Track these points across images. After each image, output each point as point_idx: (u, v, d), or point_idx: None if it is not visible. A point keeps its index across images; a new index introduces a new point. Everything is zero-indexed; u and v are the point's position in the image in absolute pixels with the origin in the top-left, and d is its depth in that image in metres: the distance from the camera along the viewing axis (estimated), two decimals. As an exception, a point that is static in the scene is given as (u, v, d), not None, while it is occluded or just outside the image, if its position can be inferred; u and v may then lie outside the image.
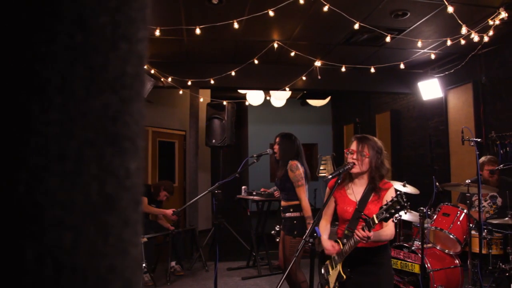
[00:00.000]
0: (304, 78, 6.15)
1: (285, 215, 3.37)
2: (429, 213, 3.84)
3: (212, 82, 5.90)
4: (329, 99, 9.61)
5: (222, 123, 5.63)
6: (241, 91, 7.70)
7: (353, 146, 2.28)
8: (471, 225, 3.56)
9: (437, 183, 3.95)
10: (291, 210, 3.33)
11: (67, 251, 0.28)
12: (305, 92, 8.60)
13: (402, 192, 1.96)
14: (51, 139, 0.27)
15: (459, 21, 3.95)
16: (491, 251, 3.69)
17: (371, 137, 2.32)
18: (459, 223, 3.62)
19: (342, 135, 10.42)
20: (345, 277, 2.17)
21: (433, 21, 4.45)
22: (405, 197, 1.92)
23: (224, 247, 5.95)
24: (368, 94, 8.69)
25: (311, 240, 2.00)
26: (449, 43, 4.79)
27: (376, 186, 2.23)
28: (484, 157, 4.29)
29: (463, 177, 4.25)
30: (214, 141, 5.67)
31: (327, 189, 2.38)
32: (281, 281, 1.99)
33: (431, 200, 3.90)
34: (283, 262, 3.41)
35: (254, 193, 5.54)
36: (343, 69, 5.78)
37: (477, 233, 3.62)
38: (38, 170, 0.27)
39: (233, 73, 5.73)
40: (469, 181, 3.57)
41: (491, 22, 4.23)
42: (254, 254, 5.06)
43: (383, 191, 2.22)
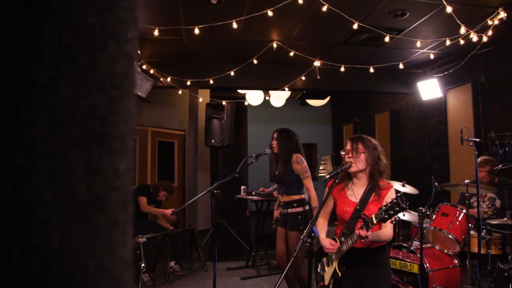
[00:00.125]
0: (304, 78, 6.15)
1: (287, 210, 3.32)
2: (428, 213, 3.84)
3: (211, 82, 5.90)
4: (328, 99, 9.61)
5: (221, 123, 5.62)
6: (241, 91, 7.70)
7: (348, 146, 2.33)
8: (470, 225, 3.56)
9: (436, 183, 3.94)
10: (295, 205, 3.30)
11: (55, 251, 0.27)
12: (304, 92, 8.60)
13: (402, 194, 1.96)
14: (38, 139, 0.27)
15: (458, 21, 3.95)
16: (490, 251, 3.69)
17: (364, 135, 2.37)
18: (458, 223, 3.63)
19: (341, 135, 10.42)
20: (340, 274, 2.19)
21: (432, 21, 4.45)
22: (404, 199, 1.93)
23: (223, 247, 5.95)
24: (367, 94, 8.70)
25: (309, 240, 2.00)
26: (448, 43, 4.79)
27: (376, 183, 2.24)
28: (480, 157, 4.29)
29: (462, 177, 4.25)
30: (213, 141, 5.67)
31: (326, 188, 2.40)
32: (279, 281, 1.99)
33: (430, 200, 3.90)
34: (284, 259, 3.36)
35: (253, 193, 5.54)
36: (342, 69, 5.79)
37: (476, 233, 3.62)
38: (25, 170, 0.27)
39: (232, 73, 5.73)
40: (468, 181, 3.57)
41: (490, 22, 4.22)
42: (253, 254, 5.06)
43: (383, 192, 2.23)
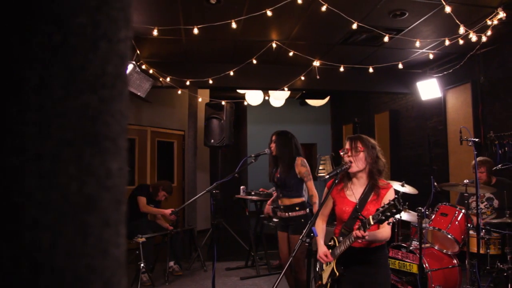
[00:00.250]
0: (303, 78, 6.14)
1: (289, 214, 3.30)
2: (427, 213, 3.84)
3: (211, 82, 5.90)
4: (328, 99, 9.61)
5: (221, 123, 5.62)
6: (240, 91, 7.69)
7: (347, 145, 2.34)
8: (469, 225, 3.56)
9: (435, 183, 3.94)
10: (297, 208, 3.28)
11: (45, 251, 0.27)
12: (304, 92, 8.59)
13: (399, 196, 1.97)
14: (28, 139, 0.27)
15: (457, 21, 3.95)
16: (489, 251, 3.69)
17: (363, 135, 2.39)
18: (457, 223, 3.62)
19: (341, 135, 10.42)
20: (337, 274, 2.19)
21: (432, 21, 4.45)
22: (402, 201, 1.94)
23: (222, 247, 5.94)
24: (367, 94, 8.69)
25: (308, 240, 2.00)
26: (447, 43, 4.79)
27: (376, 183, 2.25)
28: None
29: (462, 177, 4.25)
30: (212, 141, 5.66)
31: (326, 188, 2.40)
32: (278, 280, 1.99)
33: (429, 200, 3.90)
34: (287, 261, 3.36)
35: (252, 193, 5.54)
36: (342, 69, 5.78)
37: (475, 233, 3.62)
38: (14, 170, 0.27)
39: (232, 73, 5.73)
40: (467, 181, 3.57)
41: (489, 22, 4.22)
42: (253, 254, 5.06)
43: (382, 191, 2.24)
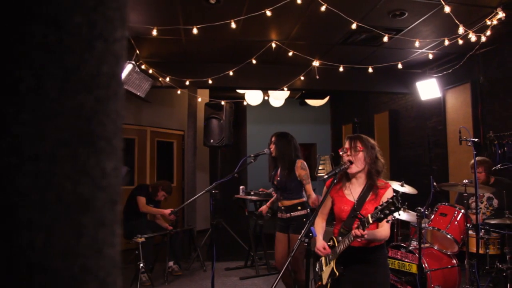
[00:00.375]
0: (302, 78, 6.15)
1: (290, 214, 3.32)
2: (426, 213, 3.84)
3: (210, 82, 5.90)
4: (327, 99, 9.61)
5: (220, 123, 5.62)
6: (240, 91, 7.69)
7: (346, 144, 2.35)
8: (468, 225, 3.56)
9: (434, 183, 3.94)
10: (299, 208, 3.30)
11: (40, 251, 0.27)
12: (303, 92, 8.60)
13: (398, 194, 1.97)
14: (23, 139, 0.27)
15: (457, 21, 3.96)
16: (488, 251, 3.69)
17: (363, 135, 2.40)
18: (456, 223, 3.63)
19: (340, 135, 10.42)
20: (337, 274, 2.19)
21: (431, 21, 4.45)
22: (400, 199, 1.93)
23: (222, 247, 5.94)
24: (366, 94, 8.70)
25: (307, 240, 2.00)
26: (447, 43, 4.79)
27: (374, 183, 2.25)
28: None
29: (461, 177, 4.25)
30: (212, 141, 5.66)
31: (325, 188, 2.40)
32: (276, 280, 1.99)
33: (428, 200, 3.90)
34: (284, 263, 3.36)
35: (252, 193, 5.54)
36: (341, 69, 5.78)
37: (475, 233, 3.62)
38: (10, 170, 0.27)
39: (231, 73, 5.73)
40: (466, 181, 3.57)
41: (488, 22, 4.22)
42: (252, 254, 5.06)
43: (381, 191, 2.24)
